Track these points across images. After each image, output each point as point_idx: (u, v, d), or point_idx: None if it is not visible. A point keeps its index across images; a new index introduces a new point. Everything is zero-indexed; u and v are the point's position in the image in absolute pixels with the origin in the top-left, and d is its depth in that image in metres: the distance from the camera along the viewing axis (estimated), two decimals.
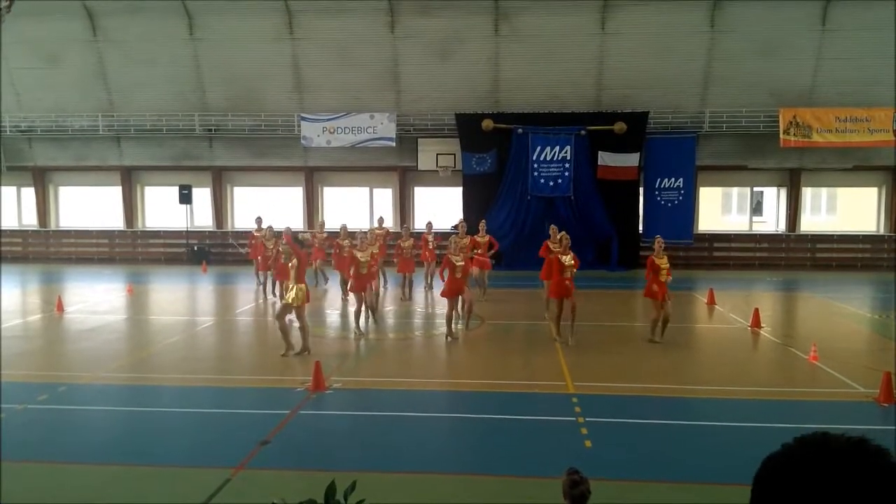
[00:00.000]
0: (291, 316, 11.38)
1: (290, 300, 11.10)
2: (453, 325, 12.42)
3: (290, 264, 11.28)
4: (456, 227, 22.95)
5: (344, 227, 16.50)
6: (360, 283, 12.68)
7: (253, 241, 18.36)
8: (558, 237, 12.49)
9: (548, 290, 13.44)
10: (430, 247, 17.96)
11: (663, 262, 12.22)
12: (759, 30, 21.28)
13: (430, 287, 17.98)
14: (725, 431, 8.04)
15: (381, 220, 19.33)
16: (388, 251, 18.01)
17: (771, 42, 21.41)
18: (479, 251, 15.99)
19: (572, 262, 12.09)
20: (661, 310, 12.16)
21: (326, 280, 18.86)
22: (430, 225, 18.46)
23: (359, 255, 12.73)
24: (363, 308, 12.71)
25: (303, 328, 11.33)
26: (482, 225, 17.05)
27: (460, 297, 12.59)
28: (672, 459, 7.15)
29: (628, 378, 10.08)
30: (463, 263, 12.62)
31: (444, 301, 12.73)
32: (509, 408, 8.84)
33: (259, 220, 18.30)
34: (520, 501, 6.17)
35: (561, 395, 9.28)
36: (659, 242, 12.43)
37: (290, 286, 11.17)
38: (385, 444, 7.70)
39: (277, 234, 15.96)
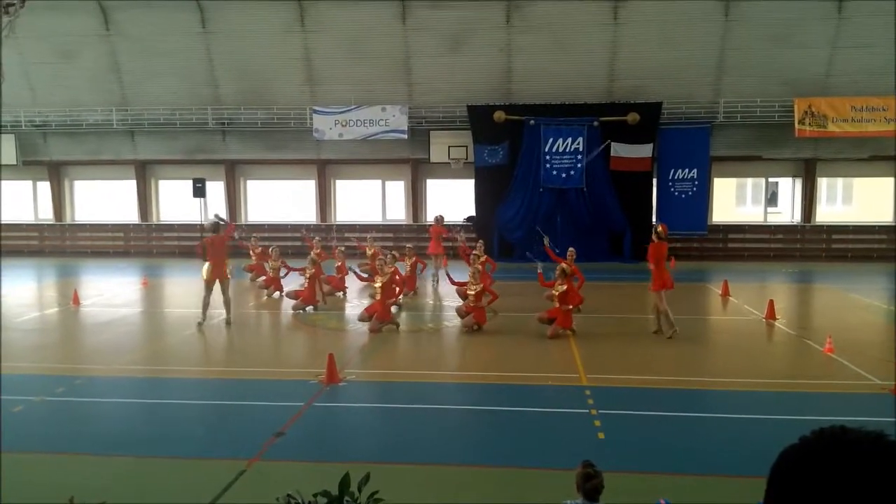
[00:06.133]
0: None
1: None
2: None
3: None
4: (469, 219, 23.06)
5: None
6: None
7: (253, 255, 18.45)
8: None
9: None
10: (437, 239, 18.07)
11: None
12: (774, 18, 21.04)
13: (436, 281, 17.98)
14: (739, 424, 8.01)
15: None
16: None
17: (785, 31, 21.17)
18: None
19: (558, 291, 12.30)
20: None
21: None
22: (439, 218, 18.50)
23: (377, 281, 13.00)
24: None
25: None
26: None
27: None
28: (685, 451, 7.13)
29: (641, 370, 10.05)
30: (379, 285, 12.80)
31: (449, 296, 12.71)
32: (522, 400, 8.85)
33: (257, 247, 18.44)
34: (533, 493, 6.18)
35: (574, 388, 9.27)
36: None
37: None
38: (399, 436, 7.73)
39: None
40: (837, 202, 25.76)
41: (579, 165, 22.20)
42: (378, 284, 12.87)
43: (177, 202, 25.93)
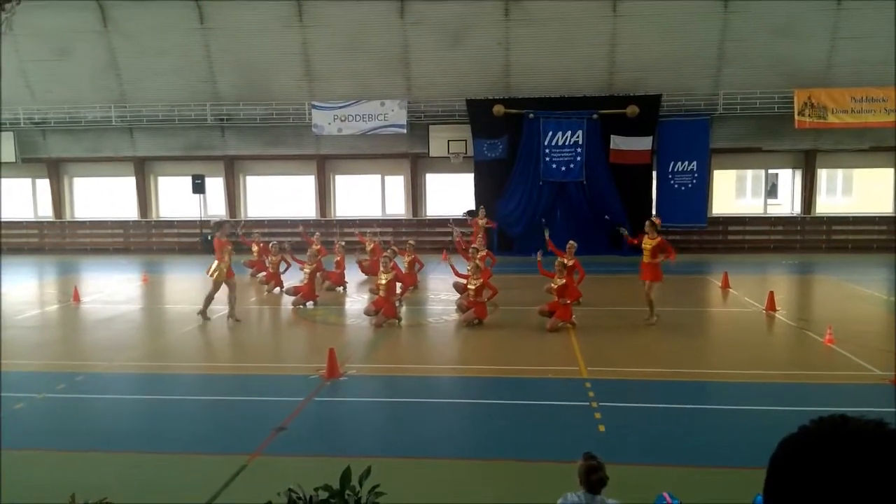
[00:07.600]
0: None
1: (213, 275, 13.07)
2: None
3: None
4: (469, 213, 23.06)
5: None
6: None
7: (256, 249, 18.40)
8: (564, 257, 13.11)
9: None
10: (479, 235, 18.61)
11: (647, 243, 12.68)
12: (773, 9, 20.98)
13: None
14: (740, 415, 8.01)
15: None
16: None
17: (785, 22, 21.11)
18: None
19: (556, 284, 12.46)
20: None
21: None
22: (481, 212, 19.45)
23: (382, 277, 13.01)
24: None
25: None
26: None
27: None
28: (686, 443, 7.14)
29: (641, 363, 10.07)
30: (384, 283, 12.85)
31: (452, 293, 12.74)
32: (523, 393, 8.86)
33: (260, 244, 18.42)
34: (534, 486, 6.18)
35: (574, 380, 9.27)
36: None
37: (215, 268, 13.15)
38: (399, 431, 7.74)
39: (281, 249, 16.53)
40: (837, 193, 25.74)
41: (579, 158, 22.18)
42: (383, 281, 12.89)
43: (176, 198, 25.93)
